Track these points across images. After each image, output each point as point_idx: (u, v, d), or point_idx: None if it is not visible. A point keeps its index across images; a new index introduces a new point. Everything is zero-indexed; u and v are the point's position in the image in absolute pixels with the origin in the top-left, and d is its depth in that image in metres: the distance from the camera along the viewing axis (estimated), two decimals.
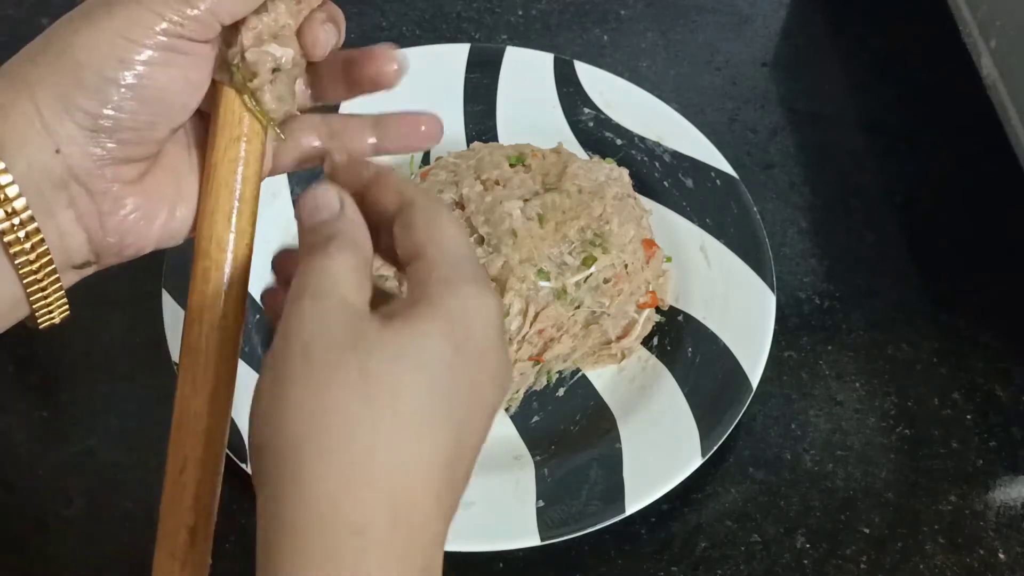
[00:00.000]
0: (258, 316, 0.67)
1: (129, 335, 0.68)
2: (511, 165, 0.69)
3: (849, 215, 0.77)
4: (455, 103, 0.77)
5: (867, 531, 0.63)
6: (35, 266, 0.37)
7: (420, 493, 0.34)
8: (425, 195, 0.39)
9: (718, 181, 0.73)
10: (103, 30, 0.37)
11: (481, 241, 0.65)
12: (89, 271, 0.41)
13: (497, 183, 0.68)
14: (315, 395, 0.33)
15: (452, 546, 0.59)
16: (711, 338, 0.67)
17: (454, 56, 0.78)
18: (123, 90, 0.37)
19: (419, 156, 0.75)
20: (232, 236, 0.41)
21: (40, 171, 0.37)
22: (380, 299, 0.38)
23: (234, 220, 0.41)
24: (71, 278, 0.41)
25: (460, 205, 0.67)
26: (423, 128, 0.47)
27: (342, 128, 0.47)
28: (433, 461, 0.34)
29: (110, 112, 0.37)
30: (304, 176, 0.74)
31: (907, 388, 0.69)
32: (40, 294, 0.38)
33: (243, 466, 0.59)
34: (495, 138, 0.76)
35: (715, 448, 0.62)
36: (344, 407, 0.33)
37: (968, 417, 0.68)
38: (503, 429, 0.65)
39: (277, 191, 0.72)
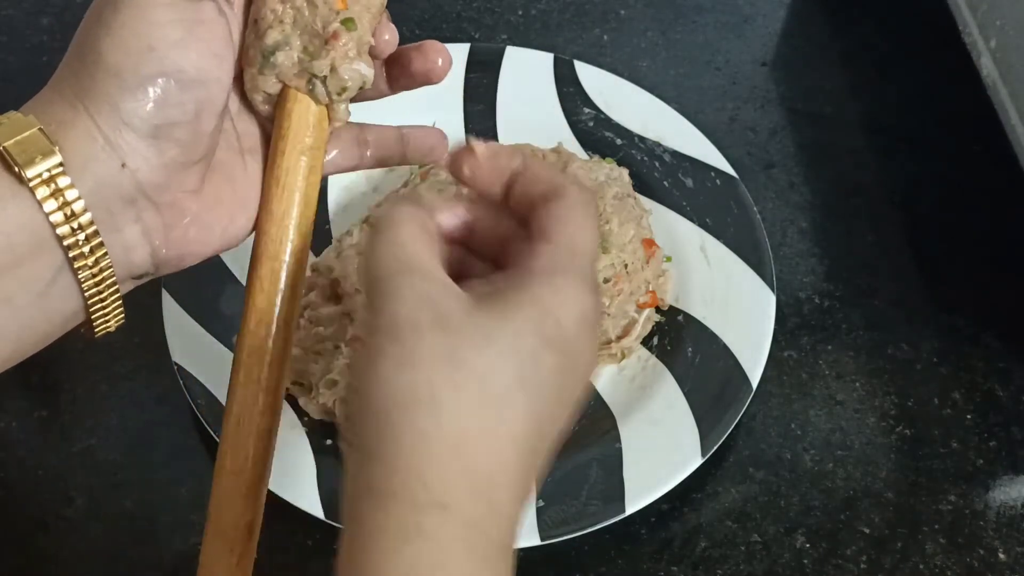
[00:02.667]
0: None
1: (129, 335, 0.67)
2: None
3: (849, 215, 0.77)
4: (455, 103, 0.77)
5: (867, 531, 0.63)
6: (97, 279, 0.38)
7: (499, 474, 0.34)
8: (580, 187, 0.38)
9: (718, 181, 0.73)
10: (120, 27, 0.38)
11: None
12: (146, 280, 0.41)
13: None
14: (404, 373, 0.33)
15: None
16: (711, 338, 0.67)
17: (454, 56, 0.78)
18: (161, 80, 0.37)
19: None
20: (299, 241, 0.42)
21: (109, 188, 0.37)
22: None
23: (302, 225, 0.42)
24: (128, 287, 0.41)
25: None
26: (437, 144, 0.50)
27: (376, 138, 0.48)
28: (514, 447, 0.34)
29: (158, 109, 0.37)
30: None
31: (907, 388, 0.69)
32: (99, 305, 0.39)
33: None
34: (495, 138, 0.76)
35: (715, 448, 0.62)
36: (431, 388, 0.33)
37: (968, 417, 0.68)
38: None
39: None
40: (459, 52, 0.79)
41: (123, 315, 0.41)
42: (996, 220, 0.76)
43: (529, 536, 0.58)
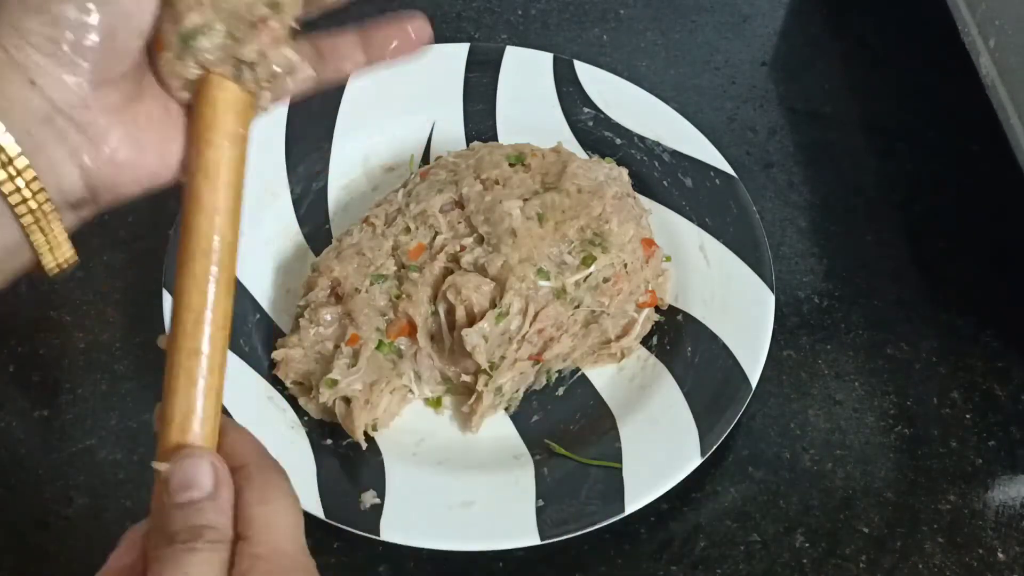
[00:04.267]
0: (258, 315, 0.67)
1: (129, 335, 0.68)
2: (511, 164, 0.69)
3: (848, 214, 0.77)
4: (455, 103, 0.77)
5: (866, 530, 0.63)
6: (31, 204, 0.37)
7: None
8: (265, 465, 0.39)
9: (717, 180, 0.73)
10: None
11: (480, 240, 0.66)
12: (87, 212, 0.40)
13: (497, 182, 0.68)
14: None
15: (452, 545, 0.59)
16: (710, 337, 0.67)
17: (454, 56, 0.79)
18: (71, 3, 0.37)
19: (419, 156, 0.75)
20: (231, 234, 0.40)
21: (22, 108, 0.37)
22: None
23: (234, 218, 0.40)
24: (71, 220, 0.40)
25: (460, 204, 0.68)
26: (411, 32, 0.45)
27: (330, 50, 0.45)
28: None
29: (67, 30, 0.37)
30: (304, 175, 0.74)
31: (906, 387, 0.69)
32: (40, 236, 0.38)
33: None
34: (495, 138, 0.76)
35: (714, 447, 0.62)
36: None
37: (967, 416, 0.68)
38: (503, 428, 0.65)
39: (277, 192, 0.72)
40: (459, 52, 0.79)
41: (73, 252, 0.40)
42: (995, 220, 0.77)
43: (529, 536, 0.59)
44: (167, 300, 0.64)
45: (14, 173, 0.36)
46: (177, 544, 0.36)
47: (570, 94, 0.78)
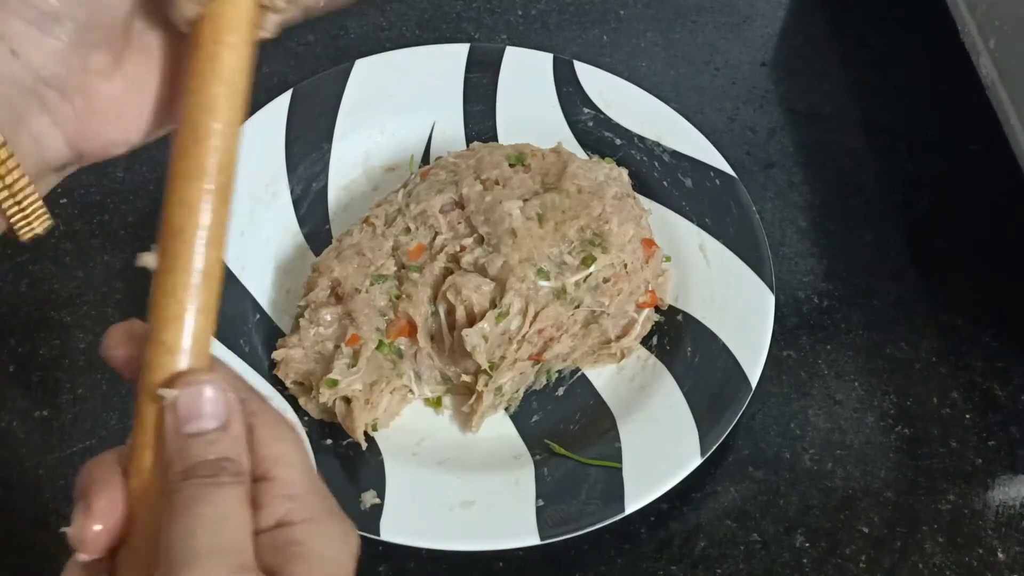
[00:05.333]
0: (258, 316, 0.67)
1: None
2: (511, 165, 0.69)
3: (848, 215, 0.77)
4: (455, 103, 0.77)
5: (866, 530, 0.63)
6: (6, 180, 0.36)
7: None
8: (262, 400, 0.37)
9: (717, 181, 0.73)
10: None
11: (481, 241, 0.66)
12: (71, 170, 0.39)
13: (497, 183, 0.68)
14: None
15: (452, 545, 0.59)
16: (710, 337, 0.67)
17: (454, 56, 0.79)
18: None
19: (419, 156, 0.75)
20: (236, 145, 0.37)
21: (4, 79, 0.35)
22: None
23: (237, 133, 0.37)
24: (52, 181, 0.38)
25: (460, 204, 0.68)
26: None
27: None
28: None
29: None
30: (304, 175, 0.74)
31: (906, 387, 0.69)
32: (15, 204, 0.36)
33: None
34: (495, 138, 0.76)
35: (714, 447, 0.62)
36: None
37: (967, 416, 0.68)
38: (503, 428, 0.65)
39: (277, 192, 0.72)
40: (459, 52, 0.79)
41: (48, 216, 0.38)
42: (995, 220, 0.77)
43: (529, 536, 0.59)
44: None
45: None
46: (197, 479, 0.34)
47: (570, 94, 0.78)
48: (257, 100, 0.76)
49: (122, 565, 0.35)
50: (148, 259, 0.36)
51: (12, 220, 0.37)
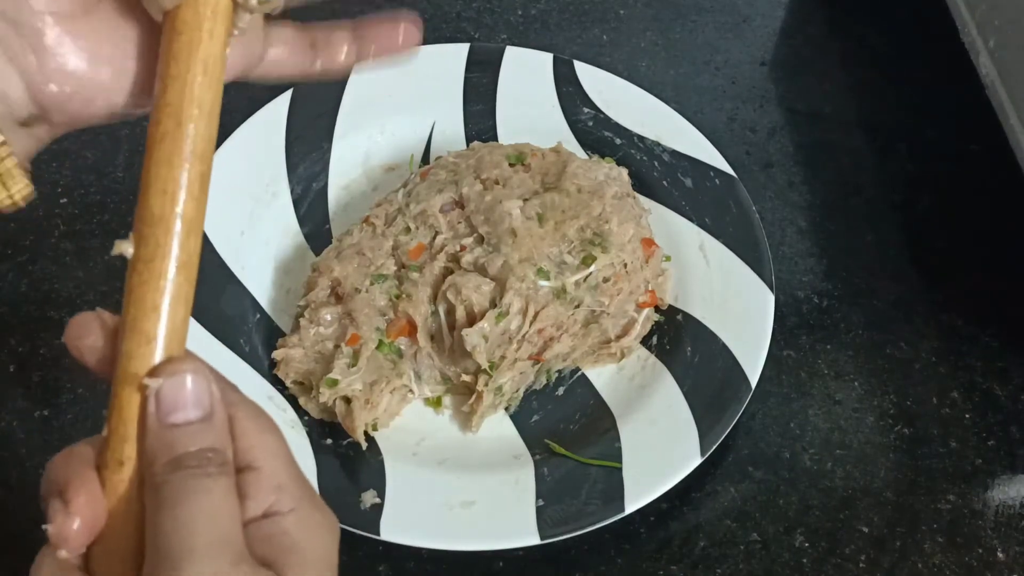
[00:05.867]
0: (259, 315, 0.67)
1: None
2: (511, 164, 0.69)
3: (848, 214, 0.77)
4: (455, 103, 0.77)
5: (866, 530, 0.63)
6: None
7: None
8: (238, 392, 0.36)
9: (717, 180, 0.73)
10: None
11: (480, 240, 0.66)
12: (43, 134, 0.37)
13: (497, 182, 0.68)
14: None
15: (452, 545, 0.59)
16: (710, 337, 0.67)
17: (454, 56, 0.79)
18: None
19: (419, 156, 0.76)
20: (213, 132, 0.36)
21: None
22: None
23: (214, 121, 0.36)
24: (25, 142, 0.37)
25: (460, 204, 0.68)
26: (402, 33, 0.42)
27: (324, 41, 0.42)
28: None
29: None
30: (304, 175, 0.74)
31: (906, 387, 0.69)
32: None
33: None
34: (495, 138, 0.76)
35: (714, 447, 0.62)
36: None
37: (967, 416, 0.68)
38: (503, 428, 0.65)
39: (277, 192, 0.72)
40: (459, 52, 0.79)
41: (30, 184, 0.36)
42: (995, 220, 0.77)
43: (529, 536, 0.59)
44: None
45: None
46: (185, 470, 0.33)
47: (570, 94, 0.78)
48: (257, 100, 0.76)
49: (96, 559, 0.35)
50: (125, 247, 0.35)
51: None
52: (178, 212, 0.34)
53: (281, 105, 0.75)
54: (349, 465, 0.62)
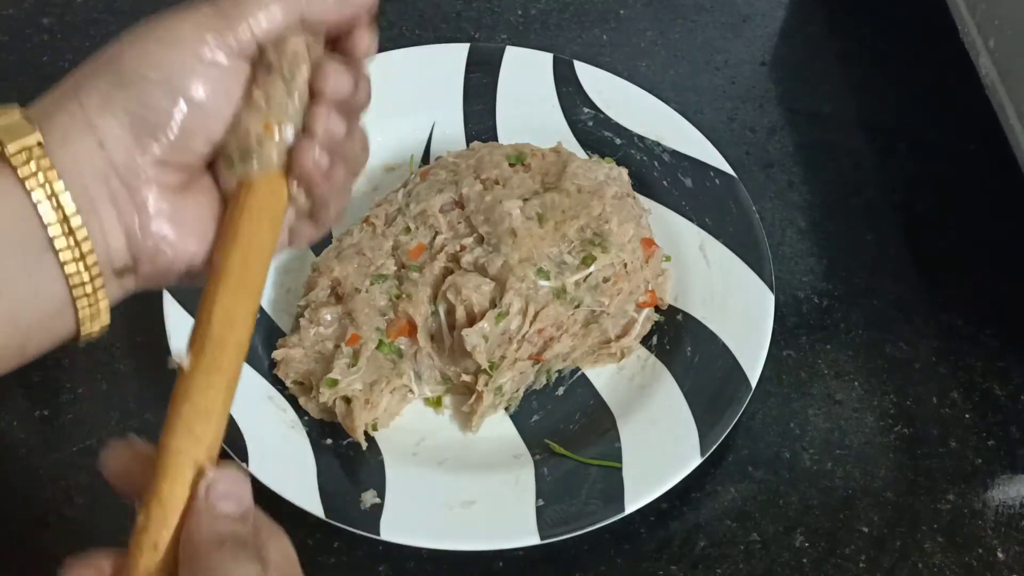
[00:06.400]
0: (258, 315, 0.67)
1: (130, 335, 0.68)
2: (511, 164, 0.69)
3: (848, 214, 0.77)
4: (455, 103, 0.77)
5: (866, 530, 0.63)
6: (80, 265, 0.39)
7: None
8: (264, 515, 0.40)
9: (717, 180, 0.73)
10: (146, 40, 0.40)
11: (480, 240, 0.66)
12: (129, 283, 0.42)
13: (497, 182, 0.68)
14: None
15: (452, 545, 0.59)
16: (710, 337, 0.67)
17: (454, 56, 0.79)
18: (161, 91, 0.39)
19: (419, 156, 0.76)
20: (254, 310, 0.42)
21: (85, 165, 0.38)
22: None
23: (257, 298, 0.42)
24: (113, 288, 0.41)
25: (460, 204, 0.68)
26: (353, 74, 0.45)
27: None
28: None
29: (148, 111, 0.39)
30: None
31: (906, 387, 0.69)
32: (85, 297, 0.39)
33: (243, 465, 0.59)
34: (495, 138, 0.76)
35: (714, 447, 0.62)
36: None
37: (967, 416, 0.68)
38: (503, 428, 0.65)
39: None
40: (459, 52, 0.79)
41: (108, 318, 0.41)
42: (995, 220, 0.77)
43: (529, 536, 0.59)
44: (168, 301, 0.64)
45: (68, 231, 0.38)
46: (228, 551, 0.37)
47: (570, 94, 0.78)
48: None
49: None
50: (182, 360, 0.40)
51: (81, 316, 0.40)
52: (236, 337, 0.40)
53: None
54: (349, 465, 0.62)
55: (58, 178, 0.38)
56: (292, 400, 0.64)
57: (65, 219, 0.38)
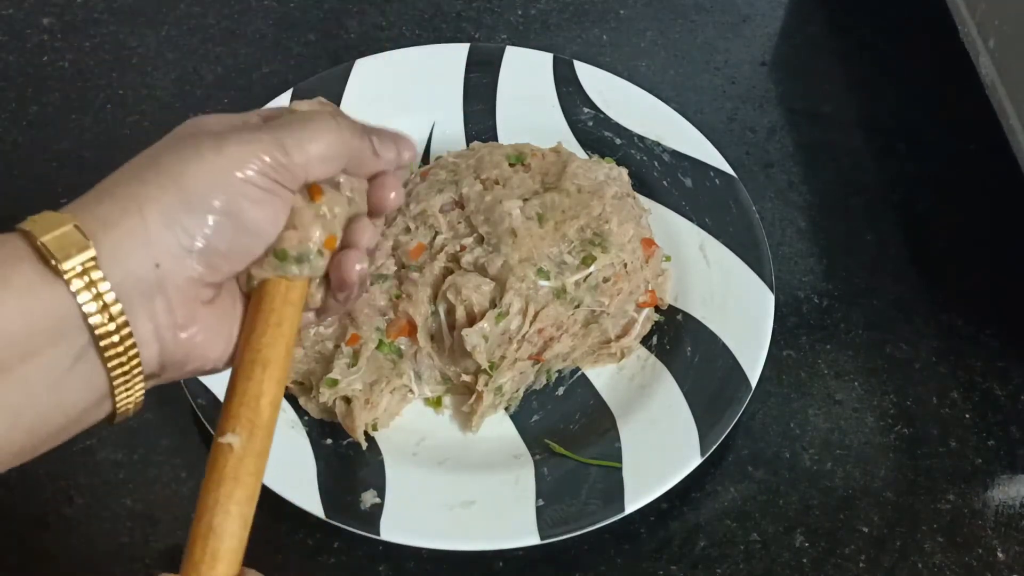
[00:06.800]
0: None
1: None
2: (511, 164, 0.69)
3: (848, 214, 0.77)
4: (455, 103, 0.77)
5: (866, 530, 0.63)
6: (126, 368, 0.40)
7: None
8: None
9: (717, 180, 0.73)
10: (212, 163, 0.41)
11: (480, 240, 0.66)
12: (153, 381, 0.43)
13: (497, 182, 0.68)
14: None
15: (452, 545, 0.59)
16: (710, 337, 0.67)
17: (454, 56, 0.79)
18: (221, 216, 0.41)
19: (419, 156, 0.75)
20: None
21: (134, 280, 0.40)
22: None
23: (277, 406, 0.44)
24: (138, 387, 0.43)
25: (460, 204, 0.68)
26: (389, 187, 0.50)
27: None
28: None
29: (207, 233, 0.41)
30: None
31: (906, 387, 0.69)
32: (125, 393, 0.41)
33: None
34: (495, 138, 0.76)
35: (714, 447, 0.62)
36: None
37: (967, 416, 0.68)
38: (502, 428, 0.65)
39: None
40: (459, 52, 0.79)
41: (141, 401, 0.43)
42: (995, 220, 0.77)
43: (529, 536, 0.59)
44: None
45: (117, 340, 0.39)
46: None
47: (570, 94, 0.78)
48: (257, 99, 0.76)
49: None
50: (233, 439, 0.42)
51: (118, 402, 0.41)
52: (275, 420, 0.44)
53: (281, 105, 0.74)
54: (349, 465, 0.62)
55: (111, 290, 0.39)
56: (292, 400, 0.64)
57: (117, 329, 0.39)
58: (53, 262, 0.38)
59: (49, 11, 0.84)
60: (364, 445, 0.62)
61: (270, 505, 0.60)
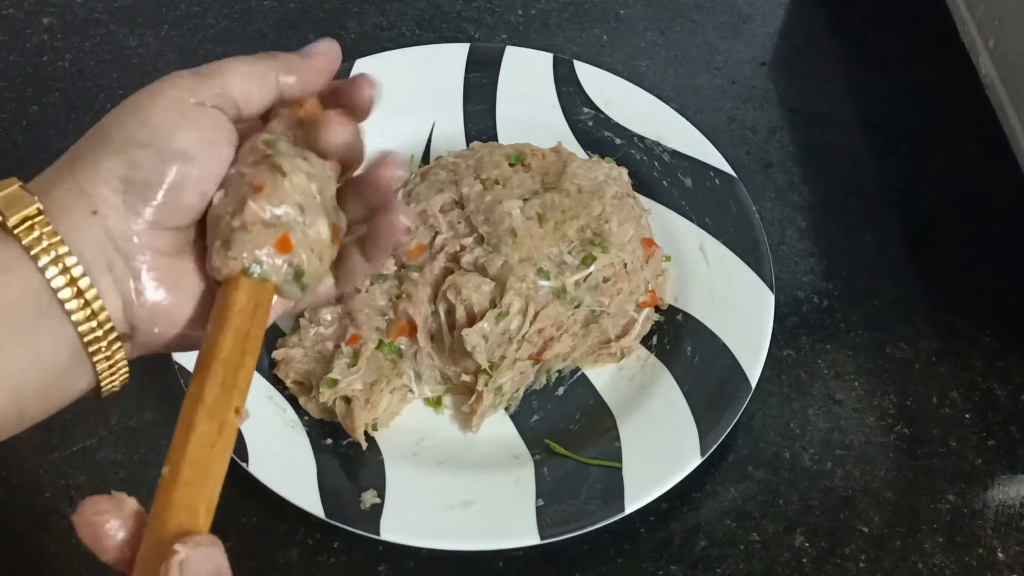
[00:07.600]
0: None
1: None
2: (511, 164, 0.69)
3: (848, 214, 0.77)
4: (455, 103, 0.77)
5: (866, 530, 0.63)
6: (93, 324, 0.39)
7: None
8: None
9: (717, 180, 0.73)
10: (130, 106, 0.41)
11: (480, 240, 0.66)
12: (133, 352, 0.42)
13: (497, 182, 0.68)
14: None
15: (452, 545, 0.59)
16: (710, 337, 0.67)
17: (454, 56, 0.79)
18: (148, 151, 0.40)
19: (419, 156, 0.76)
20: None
21: (82, 234, 0.39)
22: None
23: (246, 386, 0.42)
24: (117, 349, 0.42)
25: (460, 204, 0.68)
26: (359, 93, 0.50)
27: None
28: None
29: (137, 173, 0.40)
30: None
31: (906, 387, 0.69)
32: (100, 353, 0.40)
33: (243, 465, 0.59)
34: (495, 137, 0.76)
35: (714, 447, 0.62)
36: None
37: (967, 416, 0.68)
38: (502, 428, 0.65)
39: None
40: (459, 52, 0.79)
41: (128, 371, 0.42)
42: (995, 220, 0.77)
43: (529, 536, 0.59)
44: None
45: (77, 292, 0.39)
46: None
47: (570, 94, 0.78)
48: None
49: None
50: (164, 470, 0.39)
51: (99, 371, 0.40)
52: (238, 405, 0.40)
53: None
54: (349, 465, 0.62)
55: (63, 243, 0.38)
56: (292, 400, 0.64)
57: (73, 281, 0.38)
58: (1, 218, 0.38)
59: (49, 11, 0.84)
60: (364, 445, 0.62)
61: (270, 505, 0.60)
